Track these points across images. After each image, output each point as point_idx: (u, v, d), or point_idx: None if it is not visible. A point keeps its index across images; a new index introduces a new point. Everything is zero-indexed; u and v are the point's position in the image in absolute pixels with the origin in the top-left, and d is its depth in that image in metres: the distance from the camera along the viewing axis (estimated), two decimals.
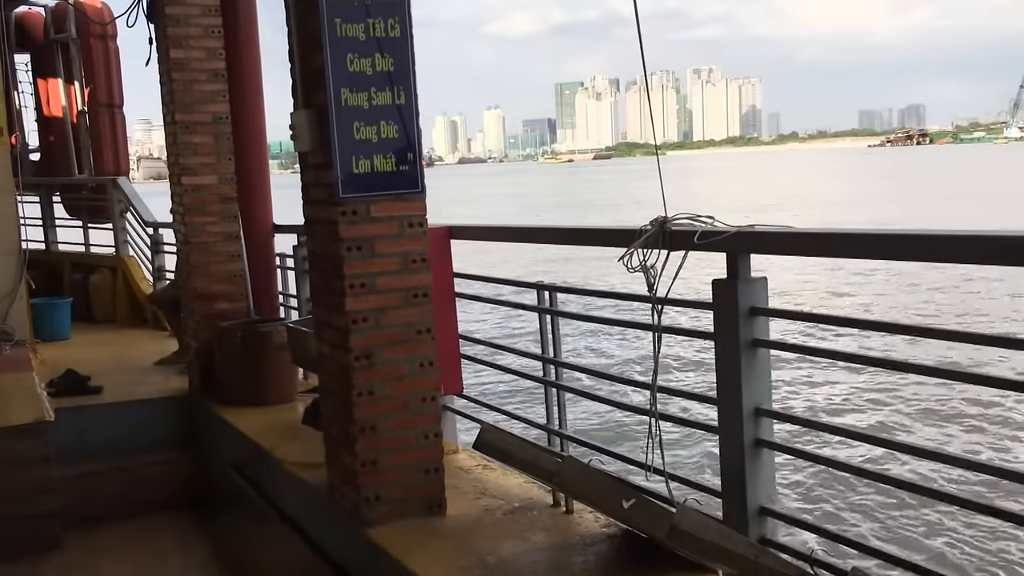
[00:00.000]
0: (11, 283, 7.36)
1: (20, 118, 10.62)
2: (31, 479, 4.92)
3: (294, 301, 6.19)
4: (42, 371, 6.48)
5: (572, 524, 3.23)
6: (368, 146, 3.14)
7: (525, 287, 3.50)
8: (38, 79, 10.69)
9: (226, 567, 4.69)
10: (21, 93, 10.77)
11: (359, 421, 3.24)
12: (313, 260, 3.50)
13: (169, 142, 5.75)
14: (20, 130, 10.57)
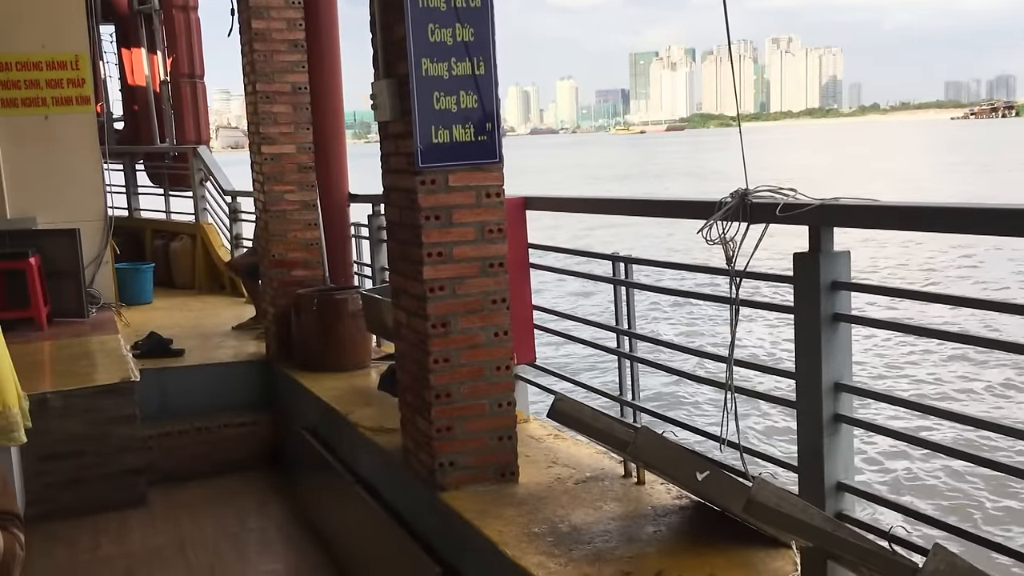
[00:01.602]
0: (98, 248, 7.62)
1: (105, 88, 10.94)
2: (118, 437, 5.13)
3: (368, 270, 6.29)
4: (127, 333, 6.72)
5: (643, 495, 3.25)
6: (447, 116, 3.16)
7: (600, 258, 3.50)
8: (122, 49, 10.98)
9: (302, 527, 4.83)
10: (106, 63, 11.08)
11: (435, 388, 3.29)
12: (391, 229, 3.55)
13: (249, 112, 5.87)
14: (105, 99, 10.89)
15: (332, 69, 6.02)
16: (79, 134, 7.54)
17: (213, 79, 13.40)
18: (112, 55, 11.12)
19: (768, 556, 2.66)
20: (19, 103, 7.30)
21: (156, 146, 10.67)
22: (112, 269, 7.88)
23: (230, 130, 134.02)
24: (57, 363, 5.80)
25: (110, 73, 11.19)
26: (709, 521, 2.94)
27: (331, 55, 5.97)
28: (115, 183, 9.77)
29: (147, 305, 8.69)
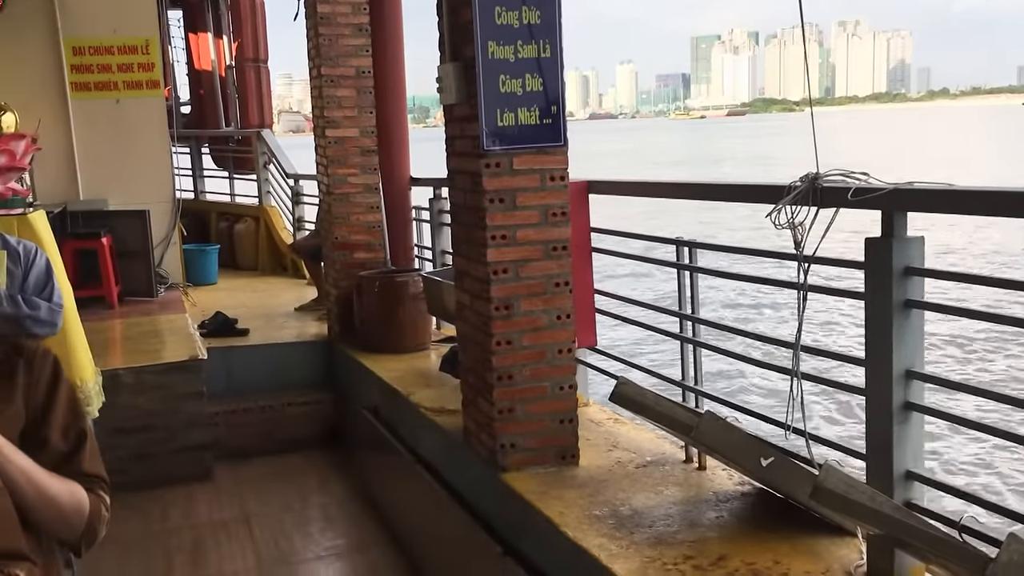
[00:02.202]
0: (166, 230, 7.80)
1: (173, 72, 11.15)
2: (186, 413, 5.26)
3: (428, 253, 6.34)
4: (193, 313, 6.87)
5: (705, 480, 3.24)
6: (513, 99, 3.17)
7: (664, 243, 3.48)
8: (189, 34, 11.18)
9: (363, 504, 4.91)
10: (173, 48, 11.29)
11: (497, 370, 3.32)
12: (455, 211, 3.57)
13: (314, 96, 5.94)
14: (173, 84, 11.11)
15: (395, 53, 6.06)
16: (149, 118, 7.72)
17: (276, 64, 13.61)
18: (180, 40, 11.34)
19: (833, 544, 2.64)
20: (92, 87, 7.49)
21: (221, 130, 10.86)
22: (180, 250, 8.06)
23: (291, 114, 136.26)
24: (128, 341, 5.96)
25: (177, 58, 11.42)
26: (772, 508, 2.93)
27: (394, 39, 6.01)
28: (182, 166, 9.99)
29: (212, 286, 8.87)
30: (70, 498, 1.61)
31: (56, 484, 1.59)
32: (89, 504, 1.63)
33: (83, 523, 1.62)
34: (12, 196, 6.25)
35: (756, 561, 2.57)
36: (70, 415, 1.66)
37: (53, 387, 1.65)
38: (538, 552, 3.07)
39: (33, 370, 1.63)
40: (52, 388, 1.65)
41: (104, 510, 1.67)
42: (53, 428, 1.63)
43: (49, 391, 1.65)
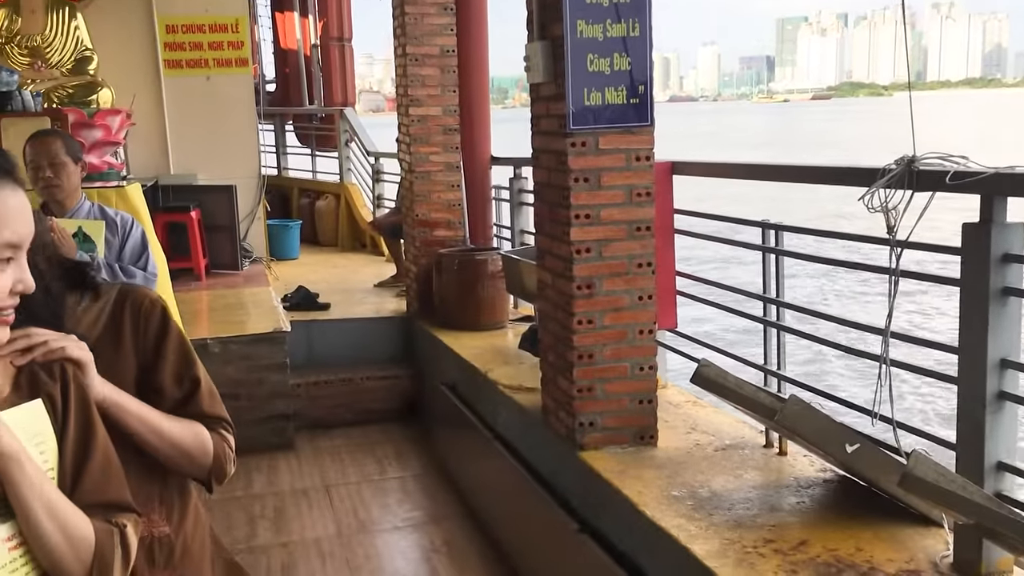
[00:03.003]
0: (252, 205, 7.99)
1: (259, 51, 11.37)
2: (270, 384, 5.41)
3: (507, 232, 6.37)
4: (276, 286, 7.04)
5: (785, 465, 3.21)
6: (600, 78, 3.17)
7: (749, 225, 3.44)
8: (276, 13, 11.38)
9: (439, 478, 4.99)
10: (260, 27, 11.51)
11: (578, 348, 3.33)
12: (539, 190, 3.58)
13: (398, 74, 6.00)
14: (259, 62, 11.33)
15: (479, 32, 6.09)
16: (237, 95, 7.90)
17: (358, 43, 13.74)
18: (266, 19, 11.55)
19: (917, 533, 2.60)
20: (184, 64, 7.70)
21: (305, 107, 11.05)
22: (264, 225, 8.25)
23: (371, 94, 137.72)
24: (215, 312, 6.14)
25: (264, 36, 11.64)
26: (854, 496, 2.89)
27: (478, 18, 6.04)
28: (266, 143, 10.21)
29: (294, 260, 9.07)
30: (194, 439, 1.67)
31: (177, 427, 1.65)
32: (213, 443, 1.69)
33: (209, 461, 1.69)
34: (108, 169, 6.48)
35: (838, 548, 2.55)
36: (181, 362, 1.70)
37: (162, 335, 1.68)
38: (615, 530, 3.09)
39: (141, 319, 1.68)
40: (161, 336, 1.68)
41: (228, 448, 1.73)
42: (165, 376, 1.68)
43: (158, 339, 1.68)
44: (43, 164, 3.44)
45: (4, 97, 5.90)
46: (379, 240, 8.93)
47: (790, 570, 2.46)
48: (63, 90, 6.87)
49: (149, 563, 1.69)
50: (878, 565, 2.44)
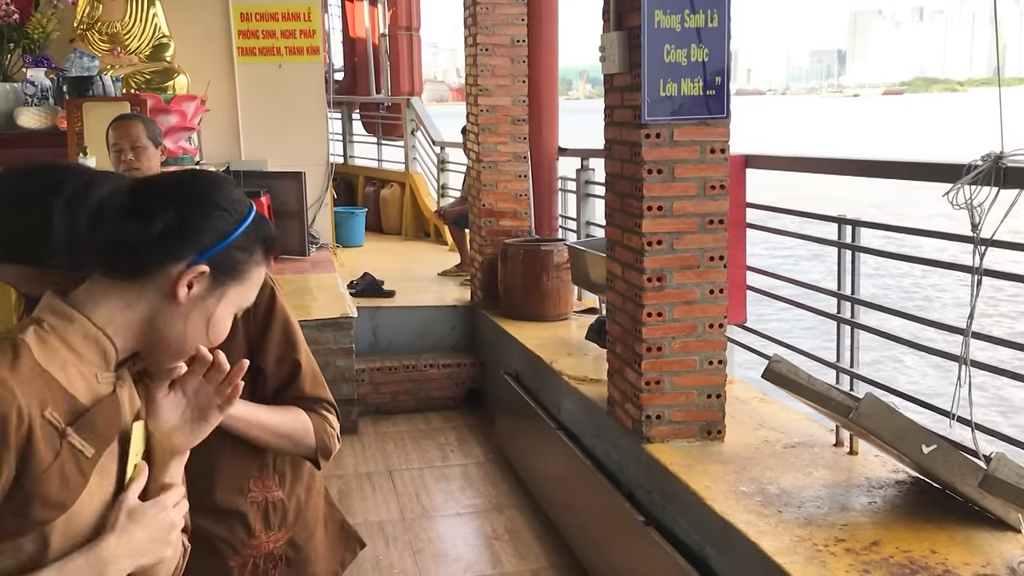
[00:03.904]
0: (320, 192, 8.10)
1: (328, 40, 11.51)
2: (336, 368, 5.48)
3: (572, 223, 6.36)
4: (342, 273, 7.12)
5: (856, 465, 3.17)
6: (677, 69, 3.14)
7: (825, 220, 3.39)
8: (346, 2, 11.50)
9: (501, 466, 5.01)
10: (330, 15, 11.64)
11: (647, 341, 3.32)
12: (610, 181, 3.58)
13: (468, 64, 6.03)
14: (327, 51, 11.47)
15: (549, 23, 6.09)
16: (308, 83, 8.01)
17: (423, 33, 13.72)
18: (336, 8, 11.67)
19: (994, 538, 2.54)
20: (256, 52, 7.83)
21: (372, 96, 11.15)
22: (331, 212, 8.36)
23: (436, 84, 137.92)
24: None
25: (333, 25, 11.77)
26: (928, 498, 2.84)
27: (549, 9, 6.04)
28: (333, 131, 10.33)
29: (358, 248, 9.17)
30: (295, 424, 1.73)
31: (279, 417, 1.71)
32: (314, 424, 1.75)
33: (312, 443, 1.75)
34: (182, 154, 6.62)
35: (912, 549, 2.51)
36: (283, 345, 1.75)
37: (268, 317, 1.73)
38: (681, 524, 3.08)
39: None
40: (267, 318, 1.73)
41: (330, 427, 1.79)
42: (268, 358, 1.73)
43: (265, 321, 1.73)
44: (125, 147, 3.53)
45: (85, 82, 6.06)
46: (443, 229, 8.99)
47: (862, 570, 2.43)
48: (141, 76, 7.04)
49: (265, 525, 1.77)
50: (953, 568, 2.40)
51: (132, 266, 1.25)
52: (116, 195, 1.28)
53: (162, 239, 1.25)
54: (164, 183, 1.31)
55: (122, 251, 1.24)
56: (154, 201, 1.27)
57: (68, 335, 1.22)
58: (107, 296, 1.25)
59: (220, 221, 1.29)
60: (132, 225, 1.25)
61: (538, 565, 3.91)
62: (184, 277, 1.25)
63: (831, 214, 3.34)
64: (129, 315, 1.26)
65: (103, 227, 1.25)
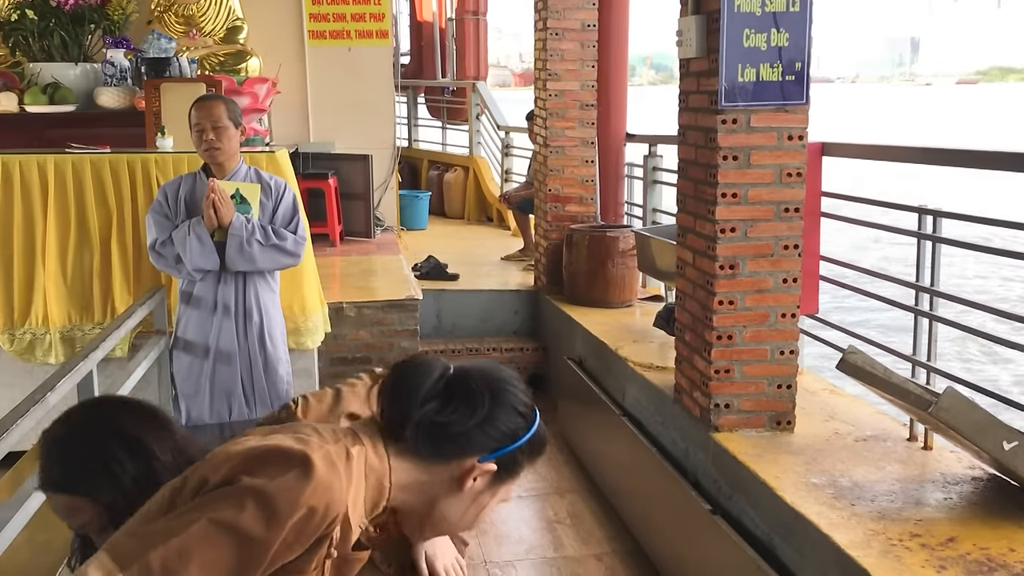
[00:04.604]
0: (385, 175, 8.17)
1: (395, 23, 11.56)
2: (399, 349, 5.53)
3: (638, 210, 6.33)
4: (406, 255, 7.18)
5: (930, 460, 3.11)
6: (756, 54, 3.10)
7: (905, 210, 3.32)
8: None
9: (563, 451, 5.02)
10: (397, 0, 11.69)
11: (717, 329, 3.30)
12: (683, 167, 3.54)
13: (538, 48, 6.01)
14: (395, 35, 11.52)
15: (620, 7, 6.05)
16: (376, 66, 8.07)
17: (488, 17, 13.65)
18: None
19: None
20: (327, 35, 7.91)
21: (438, 80, 11.19)
22: (396, 195, 8.43)
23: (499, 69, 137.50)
24: (348, 277, 6.31)
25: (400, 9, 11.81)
26: (1007, 495, 2.77)
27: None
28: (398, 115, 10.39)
29: (422, 231, 9.23)
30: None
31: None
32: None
33: None
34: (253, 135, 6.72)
35: (989, 547, 2.46)
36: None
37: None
38: (749, 514, 3.05)
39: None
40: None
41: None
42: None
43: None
44: (207, 127, 3.60)
45: (163, 63, 6.19)
46: (506, 214, 9.00)
47: (939, 566, 2.39)
48: (215, 58, 7.16)
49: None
50: None
51: (437, 449, 1.36)
52: (440, 380, 1.38)
53: (471, 434, 1.35)
54: (477, 378, 1.39)
55: (440, 436, 1.35)
56: (471, 396, 1.36)
57: (370, 472, 1.33)
58: (406, 461, 1.36)
59: (516, 424, 1.39)
60: (453, 415, 1.35)
61: (600, 550, 3.91)
62: (474, 471, 1.36)
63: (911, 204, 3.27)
64: (414, 485, 1.37)
65: (428, 409, 1.35)
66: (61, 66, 6.52)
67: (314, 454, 1.24)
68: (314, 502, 1.21)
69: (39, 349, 4.56)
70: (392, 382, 1.40)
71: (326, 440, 1.31)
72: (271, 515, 1.19)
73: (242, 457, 1.24)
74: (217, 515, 1.18)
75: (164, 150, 4.69)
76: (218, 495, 1.21)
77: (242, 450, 1.26)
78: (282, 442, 1.27)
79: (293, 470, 1.22)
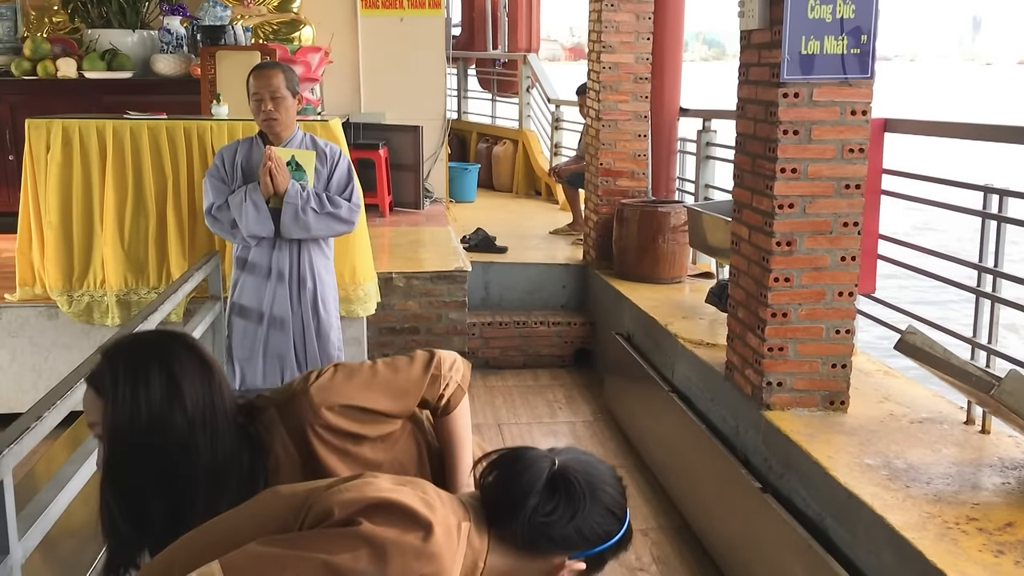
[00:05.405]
0: (435, 146, 8.17)
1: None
2: (448, 320, 5.56)
3: (689, 185, 6.26)
4: (455, 227, 7.19)
5: (988, 444, 3.05)
6: (821, 26, 3.03)
7: (970, 189, 3.24)
8: None
9: (609, 426, 5.02)
10: None
11: (772, 306, 3.25)
12: (741, 141, 3.49)
13: (592, 19, 5.94)
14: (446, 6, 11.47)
15: None
16: (428, 36, 8.05)
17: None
18: None
19: None
20: (379, 4, 7.90)
21: (489, 52, 11.13)
22: (446, 167, 8.43)
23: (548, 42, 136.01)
24: (398, 247, 6.34)
25: None
26: None
27: None
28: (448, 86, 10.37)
29: (470, 203, 9.23)
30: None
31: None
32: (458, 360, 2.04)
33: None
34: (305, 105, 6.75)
35: None
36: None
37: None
38: (800, 493, 3.02)
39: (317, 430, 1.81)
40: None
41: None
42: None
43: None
44: (265, 97, 3.61)
45: (218, 31, 6.24)
46: (555, 187, 8.96)
47: (996, 550, 2.35)
48: (269, 26, 7.20)
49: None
50: None
51: (535, 545, 1.40)
52: (540, 475, 1.40)
53: (568, 534, 1.39)
54: (579, 477, 1.42)
55: (540, 534, 1.39)
56: (573, 497, 1.40)
57: (471, 547, 1.37)
58: (502, 548, 1.40)
59: (610, 526, 1.43)
60: (554, 516, 1.39)
61: (647, 525, 3.91)
62: (565, 568, 1.41)
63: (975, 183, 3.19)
64: (505, 571, 1.41)
65: (531, 505, 1.38)
66: (119, 33, 6.60)
67: (436, 522, 1.29)
68: (427, 569, 1.26)
69: (96, 311, 4.65)
70: (500, 479, 1.43)
71: (447, 509, 1.35)
72: (381, 567, 1.23)
73: (372, 503, 1.28)
74: (331, 556, 1.22)
75: (219, 117, 4.73)
76: (337, 534, 1.25)
77: (374, 496, 1.29)
78: (412, 501, 1.31)
79: (415, 531, 1.26)
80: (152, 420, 1.58)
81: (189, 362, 1.64)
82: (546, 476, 1.40)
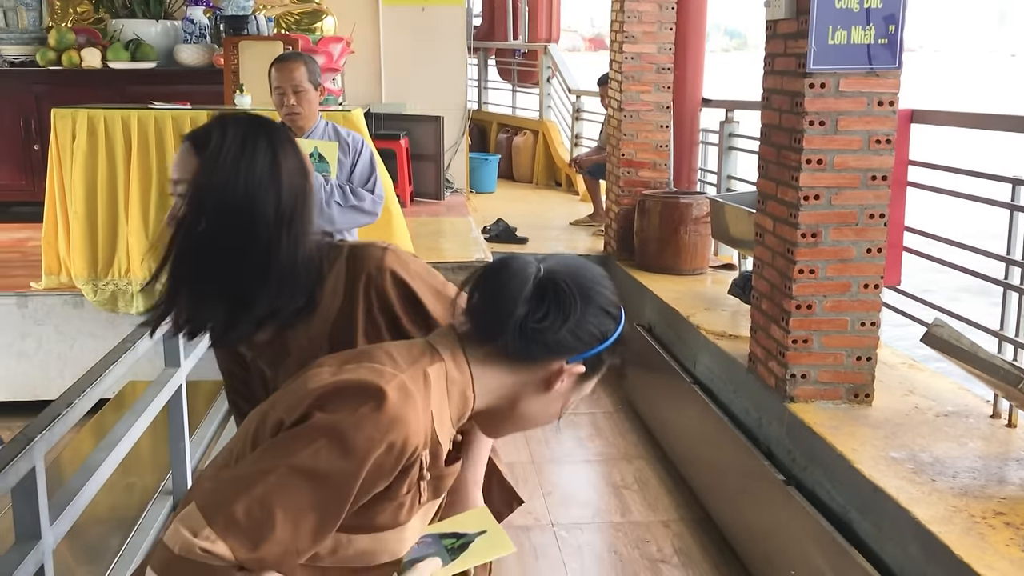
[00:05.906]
0: (456, 137, 8.17)
1: None
2: None
3: (711, 177, 6.23)
4: (475, 218, 7.20)
5: (1015, 438, 3.03)
6: (848, 15, 3.00)
7: (998, 180, 3.21)
8: None
9: (630, 417, 5.02)
10: None
11: (796, 298, 3.24)
12: (766, 132, 3.47)
13: (615, 10, 5.92)
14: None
15: None
16: (450, 27, 8.04)
17: None
18: None
19: None
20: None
21: (509, 42, 11.11)
22: (466, 157, 8.43)
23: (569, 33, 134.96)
24: (419, 238, 6.33)
25: None
26: None
27: None
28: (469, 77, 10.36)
29: (490, 194, 9.23)
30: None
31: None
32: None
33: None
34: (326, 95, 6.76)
35: None
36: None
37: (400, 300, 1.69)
38: (824, 486, 3.01)
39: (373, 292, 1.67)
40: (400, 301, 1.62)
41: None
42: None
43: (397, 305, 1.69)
44: (287, 90, 3.60)
45: (241, 21, 6.25)
46: (575, 178, 8.95)
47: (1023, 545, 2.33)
48: (291, 16, 7.22)
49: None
50: None
51: (528, 353, 1.31)
52: (525, 282, 1.31)
53: (563, 338, 1.31)
54: (567, 279, 1.33)
55: (532, 341, 1.30)
56: (563, 300, 1.31)
57: (452, 384, 1.30)
58: (491, 365, 1.32)
59: (605, 325, 1.35)
60: (545, 322, 1.30)
61: (668, 517, 3.91)
62: (563, 373, 1.33)
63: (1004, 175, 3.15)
64: (499, 388, 1.34)
65: (520, 315, 1.30)
66: (142, 23, 6.64)
67: (388, 386, 1.21)
68: (391, 436, 1.19)
69: (121, 300, 4.69)
70: (485, 290, 1.33)
71: (401, 366, 1.26)
72: (346, 452, 1.18)
73: (317, 394, 1.23)
74: (293, 459, 1.18)
75: (243, 107, 4.75)
76: (292, 435, 1.20)
77: (317, 387, 1.24)
78: (356, 374, 1.24)
79: (367, 404, 1.19)
80: (246, 195, 1.47)
81: (294, 158, 1.54)
82: (532, 283, 1.30)
